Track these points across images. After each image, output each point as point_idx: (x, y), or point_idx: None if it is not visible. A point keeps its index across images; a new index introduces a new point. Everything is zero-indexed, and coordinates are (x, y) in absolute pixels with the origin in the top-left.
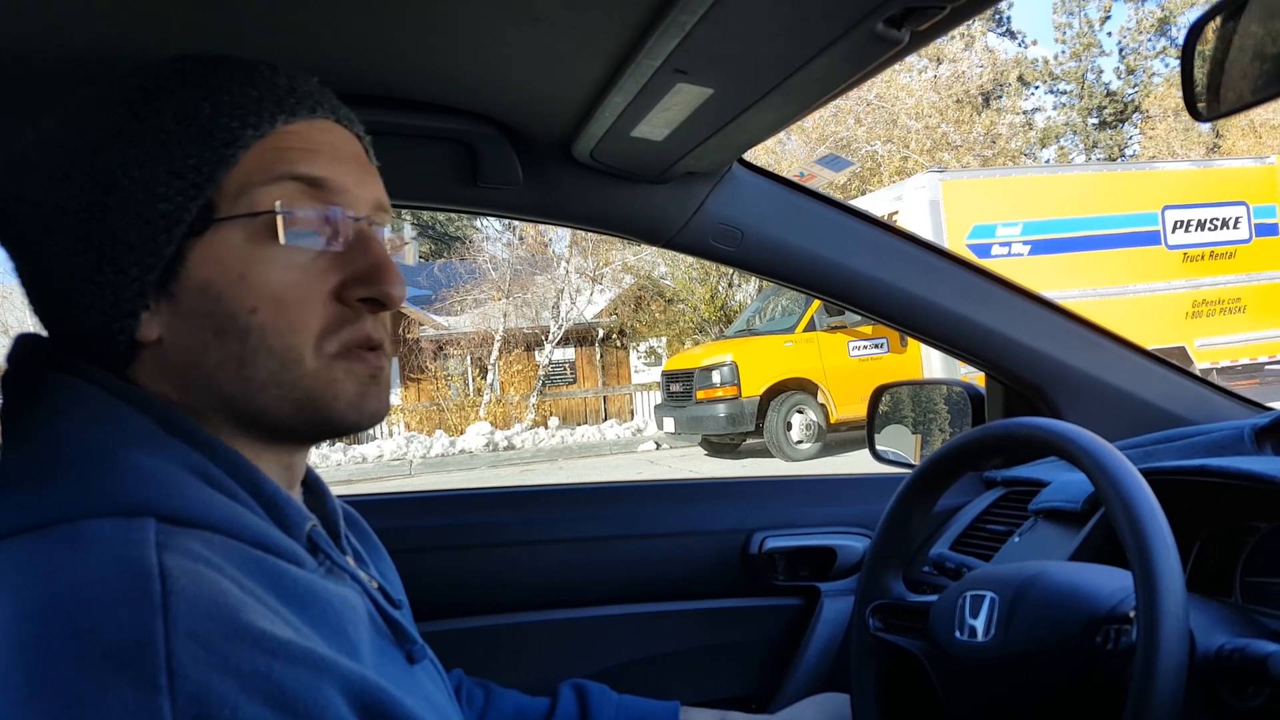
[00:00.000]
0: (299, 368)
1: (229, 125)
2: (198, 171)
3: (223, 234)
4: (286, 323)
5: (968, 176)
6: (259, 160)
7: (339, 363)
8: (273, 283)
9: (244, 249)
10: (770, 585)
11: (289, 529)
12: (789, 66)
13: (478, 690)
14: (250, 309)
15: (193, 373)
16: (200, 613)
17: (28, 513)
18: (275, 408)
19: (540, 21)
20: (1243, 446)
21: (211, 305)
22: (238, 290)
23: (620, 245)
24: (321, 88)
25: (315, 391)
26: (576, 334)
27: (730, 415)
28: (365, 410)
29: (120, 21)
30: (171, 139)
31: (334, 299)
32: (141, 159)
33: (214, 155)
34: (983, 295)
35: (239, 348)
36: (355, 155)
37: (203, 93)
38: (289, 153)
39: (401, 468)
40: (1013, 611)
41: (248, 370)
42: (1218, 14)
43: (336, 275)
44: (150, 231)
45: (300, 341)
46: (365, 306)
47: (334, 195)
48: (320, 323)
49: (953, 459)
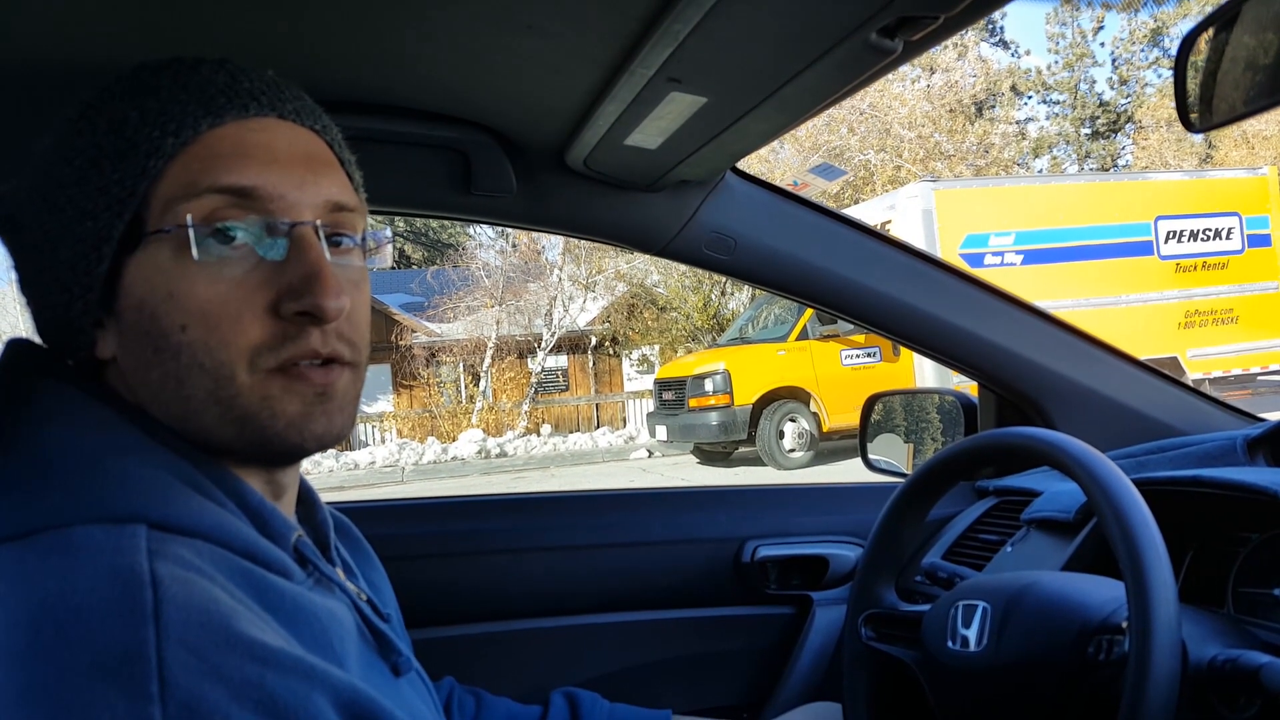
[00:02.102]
0: (232, 385)
1: (151, 135)
2: (121, 186)
3: (151, 251)
4: (217, 339)
5: (961, 186)
6: (184, 170)
7: (277, 380)
8: (199, 299)
9: (171, 266)
10: (762, 594)
11: (275, 539)
12: (782, 75)
13: (469, 698)
14: (180, 326)
15: (143, 391)
16: (192, 621)
17: (17, 519)
18: (217, 428)
19: (534, 30)
20: (1235, 457)
21: (148, 324)
22: (167, 308)
23: (613, 253)
24: (274, 82)
25: (252, 410)
26: (569, 341)
27: (723, 423)
28: (309, 431)
29: (115, 30)
30: (102, 154)
31: (271, 313)
32: (75, 176)
33: (137, 168)
34: (975, 305)
35: (175, 366)
36: (300, 154)
37: (133, 101)
38: (215, 160)
39: (394, 474)
40: (1005, 621)
41: (186, 389)
42: (1210, 25)
43: (271, 289)
44: (83, 250)
45: (231, 358)
46: (304, 320)
47: (265, 203)
48: (254, 339)
49: (945, 468)
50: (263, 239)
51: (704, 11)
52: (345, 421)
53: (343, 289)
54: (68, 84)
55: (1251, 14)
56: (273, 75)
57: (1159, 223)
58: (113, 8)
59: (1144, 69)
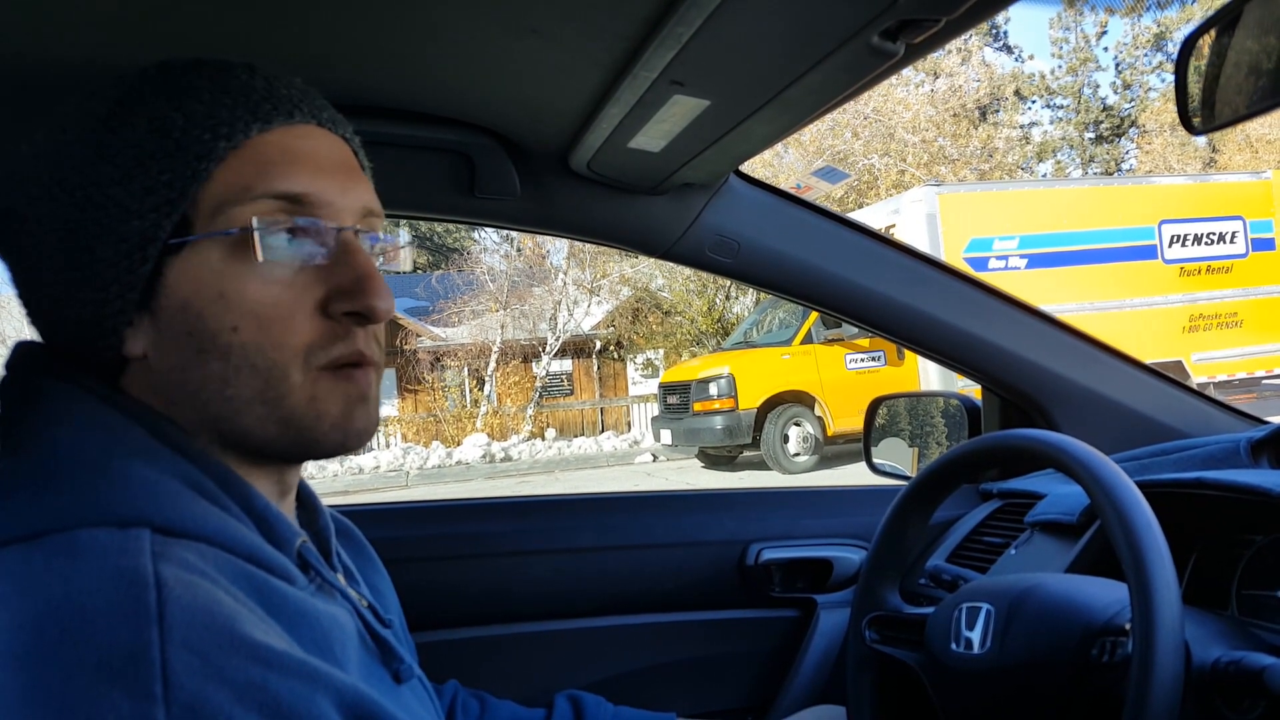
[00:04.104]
0: (284, 384)
1: (201, 138)
2: (171, 188)
3: (200, 251)
4: (270, 340)
5: (965, 190)
6: (235, 173)
7: (324, 380)
8: (253, 300)
9: (222, 266)
10: (767, 597)
11: (279, 544)
12: (785, 78)
13: (473, 701)
14: (231, 327)
15: (177, 390)
16: (196, 623)
17: (23, 521)
18: (260, 428)
19: (537, 33)
20: (1239, 460)
21: (192, 324)
22: (217, 309)
23: (618, 257)
24: (305, 89)
25: (300, 410)
26: (574, 345)
27: (727, 427)
28: (351, 431)
29: (118, 29)
30: (144, 154)
31: (320, 313)
32: (116, 175)
33: (187, 170)
34: (979, 308)
35: (221, 367)
36: (340, 162)
37: (174, 102)
38: (267, 166)
39: (398, 479)
40: (1009, 623)
41: (231, 389)
42: (1212, 28)
43: (321, 289)
44: (126, 249)
45: (285, 358)
46: (352, 320)
47: (315, 209)
48: (306, 338)
49: (949, 471)
50: (316, 243)
51: (706, 14)
52: (377, 420)
53: (389, 291)
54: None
55: (1253, 16)
56: (300, 82)
57: (1163, 227)
58: (115, 8)
59: (1147, 73)
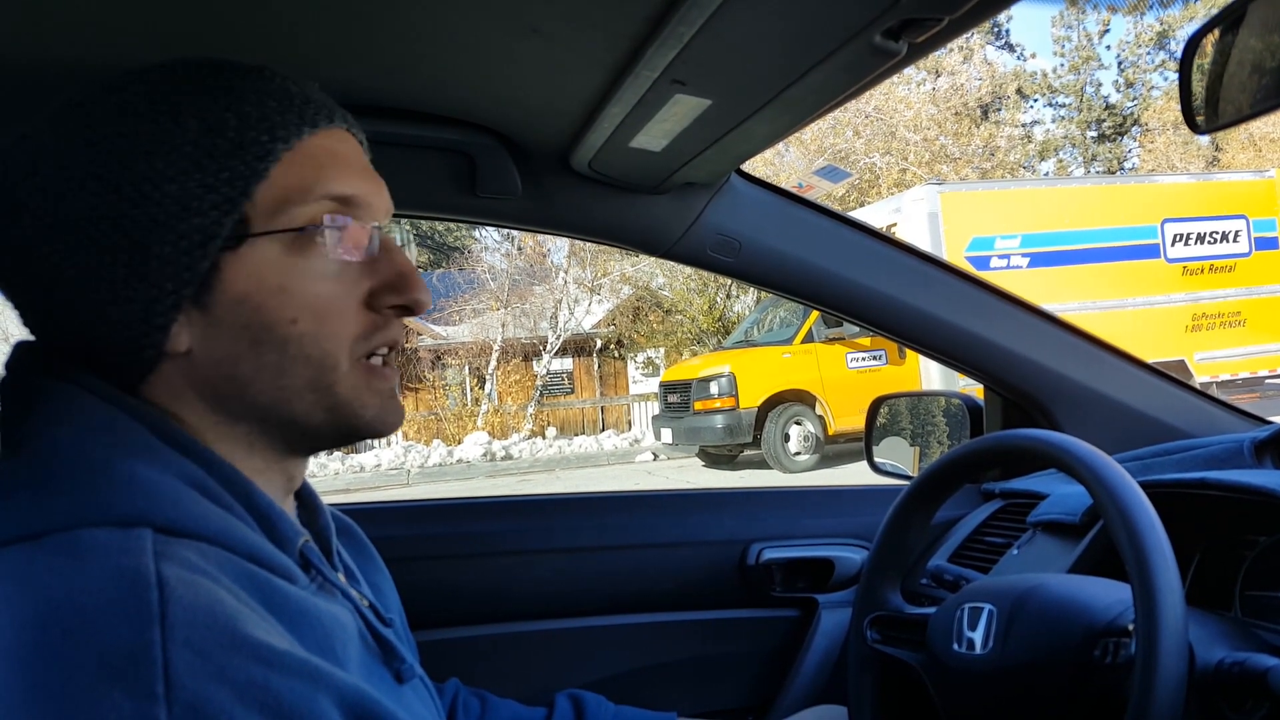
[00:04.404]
0: (335, 373)
1: (259, 139)
2: (231, 186)
3: (259, 248)
4: (327, 331)
5: (966, 189)
6: (292, 174)
7: (363, 371)
8: (312, 294)
9: (282, 262)
10: (767, 596)
11: (281, 544)
12: (787, 77)
13: (474, 700)
14: (290, 319)
15: (225, 383)
16: (197, 622)
17: (24, 521)
18: (308, 414)
19: (539, 33)
20: (1242, 460)
21: (249, 317)
22: (278, 302)
23: (618, 256)
24: (325, 94)
25: (346, 397)
26: (574, 344)
27: (728, 426)
28: (388, 421)
29: (116, 29)
30: (200, 152)
31: (365, 307)
32: (171, 172)
33: (247, 169)
34: (981, 307)
35: (277, 358)
36: (366, 164)
37: (222, 103)
38: (320, 168)
39: (399, 477)
40: (1011, 624)
41: (285, 379)
42: (1216, 27)
43: (366, 284)
44: (186, 246)
45: (337, 348)
46: (394, 313)
47: (360, 209)
48: (355, 330)
49: (951, 470)
50: (365, 241)
51: (708, 14)
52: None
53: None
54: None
55: (1257, 15)
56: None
57: (1165, 225)
58: (118, 8)
59: (1150, 72)
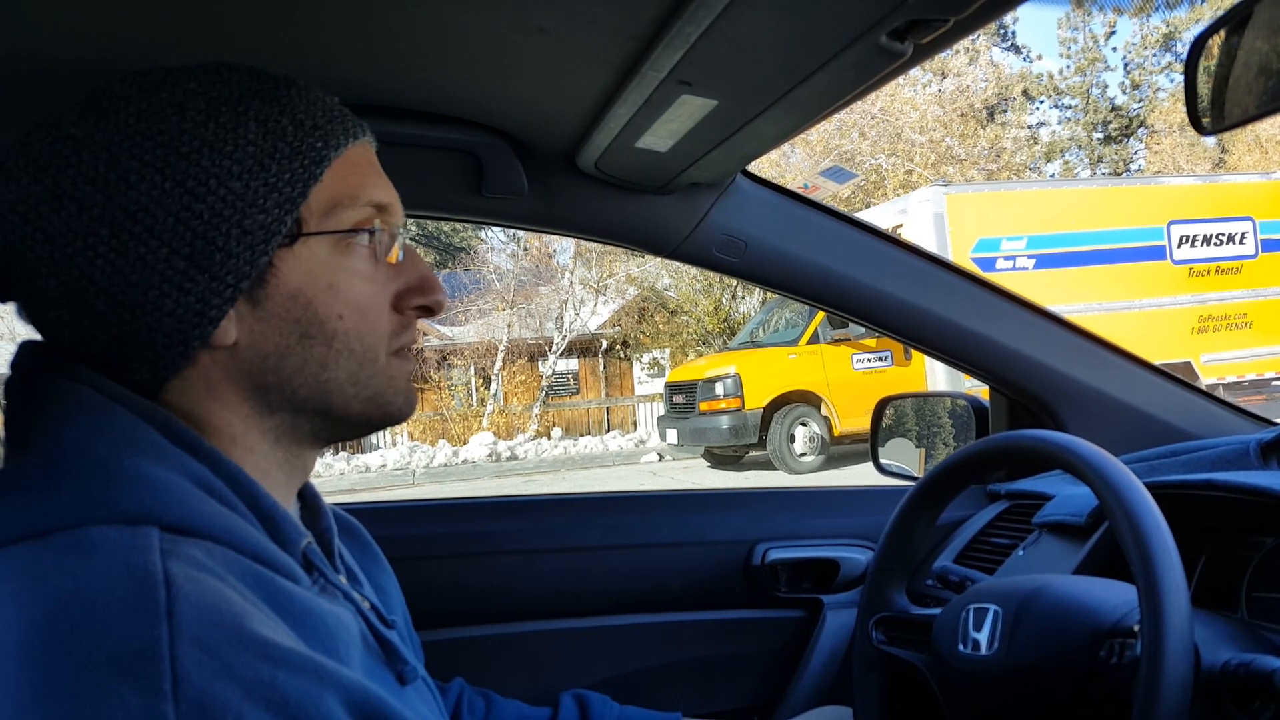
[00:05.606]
0: (374, 366)
1: (315, 145)
2: (292, 187)
3: (311, 246)
4: (367, 327)
5: (972, 190)
6: (340, 180)
7: (395, 363)
8: (357, 292)
9: (330, 261)
10: (773, 597)
11: (285, 545)
12: (793, 78)
13: (479, 700)
14: (338, 315)
15: (269, 375)
16: (205, 619)
17: (32, 519)
18: (346, 405)
19: (545, 33)
20: (1248, 461)
21: (300, 311)
22: (327, 298)
23: (624, 256)
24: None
25: (382, 388)
26: (580, 345)
27: (733, 427)
28: (411, 404)
29: (123, 30)
30: (263, 153)
31: (393, 307)
32: (236, 170)
33: (305, 173)
34: (987, 308)
35: (324, 351)
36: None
37: (277, 108)
38: (363, 176)
39: (404, 477)
40: (1016, 625)
41: (328, 372)
42: (1221, 28)
43: (394, 286)
44: (249, 241)
45: (376, 343)
46: (416, 314)
47: (388, 215)
48: (388, 327)
49: (956, 471)
50: (393, 246)
51: (715, 14)
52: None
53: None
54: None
55: (1263, 17)
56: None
57: (1172, 227)
58: (121, 8)
59: (1156, 73)
